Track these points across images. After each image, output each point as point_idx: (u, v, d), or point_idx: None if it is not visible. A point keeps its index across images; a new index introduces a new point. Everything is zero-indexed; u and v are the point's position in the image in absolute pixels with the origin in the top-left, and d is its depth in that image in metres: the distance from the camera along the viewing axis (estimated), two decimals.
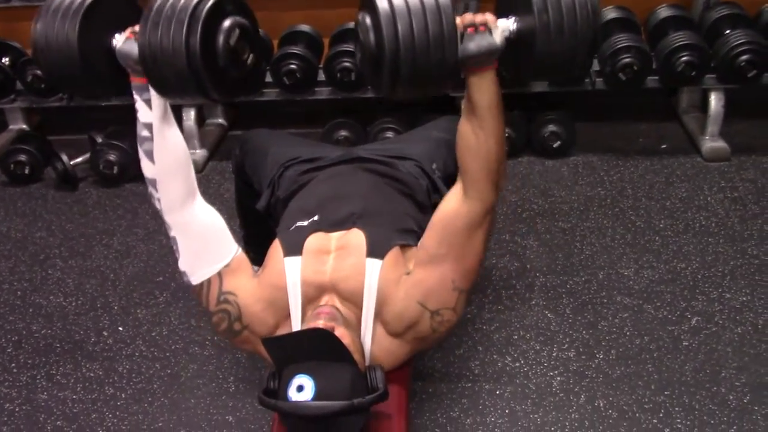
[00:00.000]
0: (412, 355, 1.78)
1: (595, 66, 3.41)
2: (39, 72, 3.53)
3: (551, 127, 3.51)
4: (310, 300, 1.71)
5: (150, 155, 1.67)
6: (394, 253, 1.73)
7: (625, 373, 2.31)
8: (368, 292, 1.69)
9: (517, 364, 2.37)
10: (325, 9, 3.84)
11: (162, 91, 1.58)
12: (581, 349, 2.41)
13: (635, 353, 2.38)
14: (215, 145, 3.87)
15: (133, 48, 1.55)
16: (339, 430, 1.53)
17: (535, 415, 2.19)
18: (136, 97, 1.65)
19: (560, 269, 2.79)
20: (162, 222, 1.77)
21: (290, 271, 1.72)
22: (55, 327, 2.67)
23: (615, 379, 2.29)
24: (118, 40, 1.61)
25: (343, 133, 3.57)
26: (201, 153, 3.70)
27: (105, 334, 2.62)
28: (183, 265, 1.74)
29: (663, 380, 2.27)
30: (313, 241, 1.77)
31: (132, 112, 1.73)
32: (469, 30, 1.49)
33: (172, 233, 1.73)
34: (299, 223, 1.84)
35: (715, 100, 3.45)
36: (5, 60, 3.69)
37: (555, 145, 3.51)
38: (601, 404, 2.21)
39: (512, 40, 1.52)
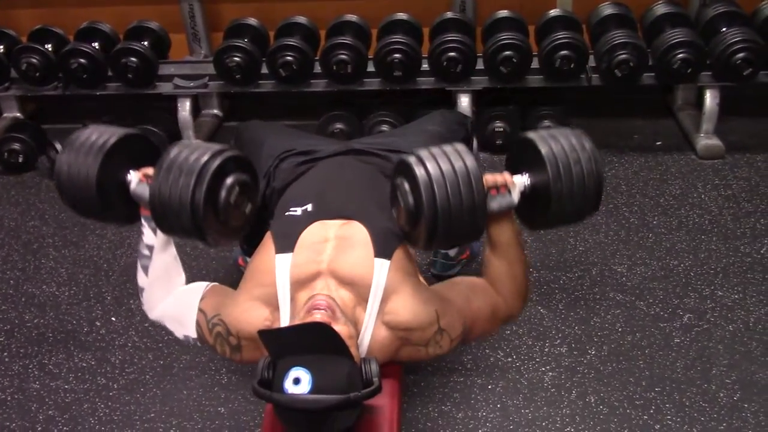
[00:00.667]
0: (392, 357, 1.76)
1: (591, 62, 3.41)
2: (34, 60, 3.53)
3: (546, 123, 3.51)
4: (300, 288, 1.70)
5: (146, 270, 1.86)
6: (399, 253, 1.74)
7: (616, 369, 2.32)
8: (375, 290, 1.69)
9: (510, 359, 2.38)
10: (322, 0, 3.84)
11: (165, 233, 1.79)
12: (573, 345, 2.42)
13: (627, 349, 2.39)
14: (210, 135, 3.86)
15: (145, 192, 1.75)
16: (334, 423, 1.53)
17: (527, 410, 2.19)
18: (144, 222, 1.84)
19: (553, 265, 2.79)
20: None
21: (280, 269, 1.71)
22: (48, 316, 2.67)
23: (606, 375, 2.30)
24: (132, 178, 1.80)
25: (339, 125, 3.56)
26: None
27: (98, 324, 2.62)
28: (179, 335, 1.85)
29: (654, 377, 2.28)
30: (309, 234, 1.76)
31: (128, 102, 1.77)
32: (492, 192, 1.67)
33: (159, 321, 1.90)
34: (292, 211, 1.84)
35: (710, 98, 3.45)
36: None
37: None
38: (593, 400, 2.22)
39: (526, 194, 1.71)
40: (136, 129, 1.89)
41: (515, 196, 1.70)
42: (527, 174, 1.70)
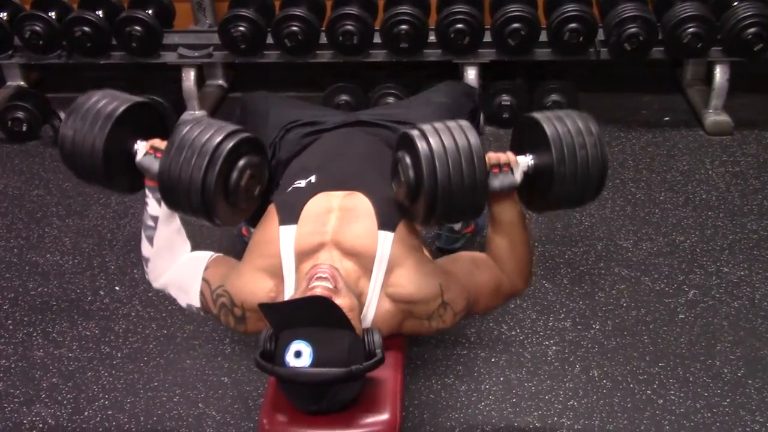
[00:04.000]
0: (395, 330, 1.76)
1: (600, 36, 3.37)
2: (37, 28, 3.50)
3: (553, 97, 3.48)
4: (304, 258, 1.69)
5: (150, 240, 1.84)
6: (403, 226, 1.73)
7: (620, 344, 2.32)
8: (379, 262, 1.68)
9: (513, 333, 2.38)
10: None
11: (172, 209, 1.77)
12: (577, 320, 2.42)
13: (631, 324, 2.39)
14: (214, 106, 3.84)
15: (153, 165, 1.72)
16: (336, 395, 1.53)
17: (530, 383, 2.20)
18: (148, 193, 1.82)
19: (559, 239, 2.78)
20: None
21: (284, 241, 1.70)
22: (52, 285, 2.67)
23: (610, 349, 2.30)
24: (139, 148, 1.77)
25: (344, 97, 3.54)
26: (200, 114, 3.67)
27: (101, 293, 2.62)
28: (183, 303, 1.84)
29: (658, 352, 2.28)
30: (313, 205, 1.75)
31: (132, 72, 1.76)
32: (494, 170, 1.65)
33: (164, 290, 1.88)
34: (297, 184, 1.82)
35: (720, 73, 3.41)
36: (3, 15, 3.65)
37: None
38: (596, 374, 2.22)
39: (529, 175, 1.68)
40: (144, 97, 1.85)
41: (518, 176, 1.67)
42: (531, 155, 1.69)
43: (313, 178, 1.82)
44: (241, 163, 1.67)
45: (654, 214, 2.91)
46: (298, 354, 1.46)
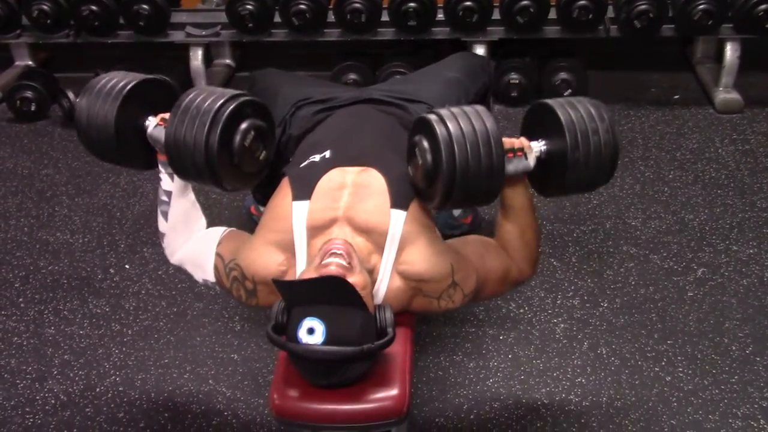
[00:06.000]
0: (404, 307, 1.76)
1: (610, 13, 3.35)
2: (45, 7, 3.49)
3: (562, 75, 3.46)
4: (316, 234, 1.70)
5: (165, 216, 1.85)
6: (416, 204, 1.73)
7: (628, 322, 2.32)
8: (391, 239, 1.68)
9: (522, 311, 2.38)
10: None
11: (181, 177, 1.78)
12: (586, 297, 2.42)
13: (639, 302, 2.39)
14: (222, 85, 3.81)
15: (161, 135, 1.73)
16: (346, 372, 1.54)
17: (538, 361, 2.20)
18: (161, 168, 1.84)
19: (567, 218, 2.78)
20: None
21: (297, 216, 1.71)
22: (62, 263, 2.69)
23: (618, 327, 2.30)
24: (151, 123, 1.79)
25: (352, 76, 3.53)
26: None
27: (111, 271, 2.64)
28: (199, 278, 1.85)
29: (666, 329, 2.29)
30: (326, 181, 1.75)
31: (140, 51, 1.78)
32: (508, 155, 1.65)
33: (181, 266, 1.90)
34: (312, 158, 1.82)
35: (730, 51, 3.39)
36: None
37: (566, 93, 3.45)
38: (604, 351, 2.22)
39: (542, 160, 1.70)
40: (156, 75, 1.87)
41: (531, 161, 1.69)
42: (544, 140, 1.70)
43: (327, 153, 1.82)
44: (245, 124, 1.69)
45: (663, 193, 2.90)
46: (311, 331, 1.47)
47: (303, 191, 1.74)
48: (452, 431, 2.03)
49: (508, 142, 1.66)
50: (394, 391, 1.63)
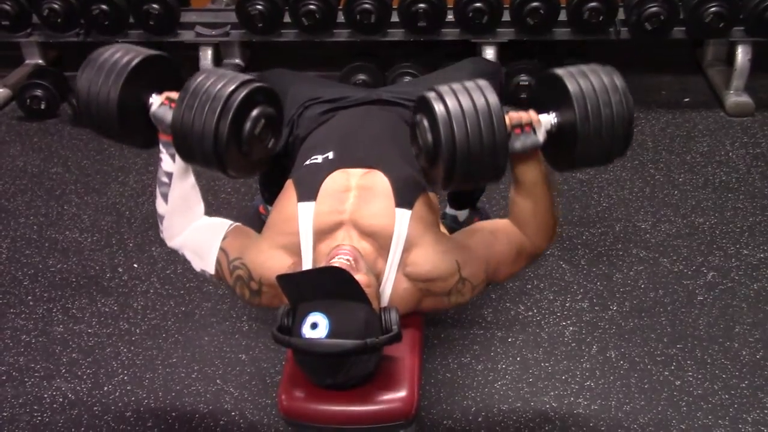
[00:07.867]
0: (414, 308, 1.76)
1: (621, 15, 3.33)
2: (55, 6, 3.49)
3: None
4: (323, 238, 1.69)
5: (165, 197, 1.82)
6: (420, 203, 1.72)
7: (638, 326, 2.31)
8: (396, 240, 1.68)
9: (530, 313, 2.37)
10: None
11: (186, 161, 1.74)
12: (595, 300, 2.41)
13: (649, 306, 2.38)
14: None
15: (167, 115, 1.70)
16: (351, 368, 1.53)
17: (546, 364, 2.20)
18: (162, 149, 1.80)
19: (577, 220, 2.77)
20: None
21: (303, 218, 1.71)
22: (71, 262, 2.69)
23: (628, 330, 2.29)
24: (155, 101, 1.74)
25: (361, 76, 3.52)
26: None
27: (120, 270, 2.64)
28: (197, 267, 1.83)
29: (676, 333, 2.27)
30: (331, 182, 1.75)
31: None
32: (516, 131, 1.60)
33: (178, 251, 1.87)
34: (314, 159, 1.82)
35: (741, 54, 3.37)
36: None
37: None
38: (613, 355, 2.21)
39: (552, 134, 1.63)
40: (161, 52, 1.83)
41: (540, 136, 1.61)
42: (554, 113, 1.62)
43: (330, 155, 1.81)
44: (255, 112, 1.65)
45: (673, 196, 2.89)
46: (314, 325, 1.47)
47: (308, 192, 1.73)
48: None
49: (515, 116, 1.61)
50: (402, 393, 1.63)
